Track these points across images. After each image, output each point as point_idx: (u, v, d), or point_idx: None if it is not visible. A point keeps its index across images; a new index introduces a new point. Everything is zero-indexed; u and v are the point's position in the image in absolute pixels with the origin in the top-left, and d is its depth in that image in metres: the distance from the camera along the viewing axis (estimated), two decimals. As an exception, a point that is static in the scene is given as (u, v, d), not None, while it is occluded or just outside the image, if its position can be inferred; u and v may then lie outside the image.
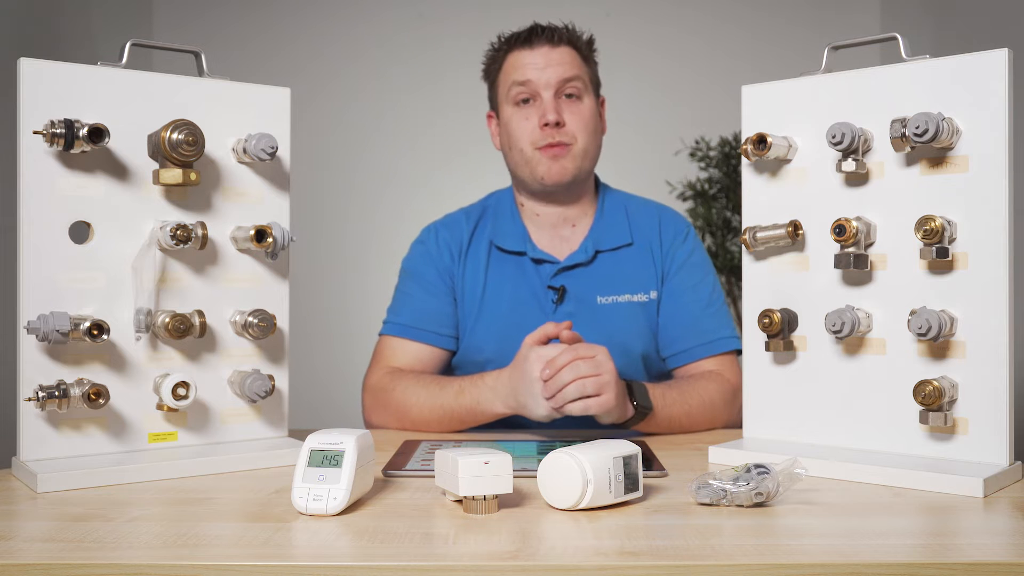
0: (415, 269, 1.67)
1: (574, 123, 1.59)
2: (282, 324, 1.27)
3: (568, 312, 1.58)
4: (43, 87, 1.10)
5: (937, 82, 1.09)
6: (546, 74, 1.58)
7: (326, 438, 0.96)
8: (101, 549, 0.82)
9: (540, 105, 1.58)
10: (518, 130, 1.60)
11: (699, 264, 1.66)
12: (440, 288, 1.64)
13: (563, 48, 1.61)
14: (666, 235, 1.66)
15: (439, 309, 1.62)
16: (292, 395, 1.32)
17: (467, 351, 1.62)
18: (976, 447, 1.07)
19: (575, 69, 1.60)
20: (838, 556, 0.79)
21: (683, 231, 1.68)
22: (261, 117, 1.25)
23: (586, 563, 0.78)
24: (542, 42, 1.60)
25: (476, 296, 1.62)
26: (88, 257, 1.13)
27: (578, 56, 1.63)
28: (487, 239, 1.66)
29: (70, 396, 1.09)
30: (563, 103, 1.59)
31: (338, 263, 3.58)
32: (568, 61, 1.60)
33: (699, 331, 1.59)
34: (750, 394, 1.26)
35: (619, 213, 1.67)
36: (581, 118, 1.60)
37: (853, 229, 1.12)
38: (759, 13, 3.67)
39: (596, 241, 1.63)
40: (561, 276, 1.61)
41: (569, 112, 1.59)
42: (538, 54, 1.59)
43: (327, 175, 3.63)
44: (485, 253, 1.65)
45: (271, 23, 3.70)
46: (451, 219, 1.71)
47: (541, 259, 1.62)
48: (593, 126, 1.63)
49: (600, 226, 1.65)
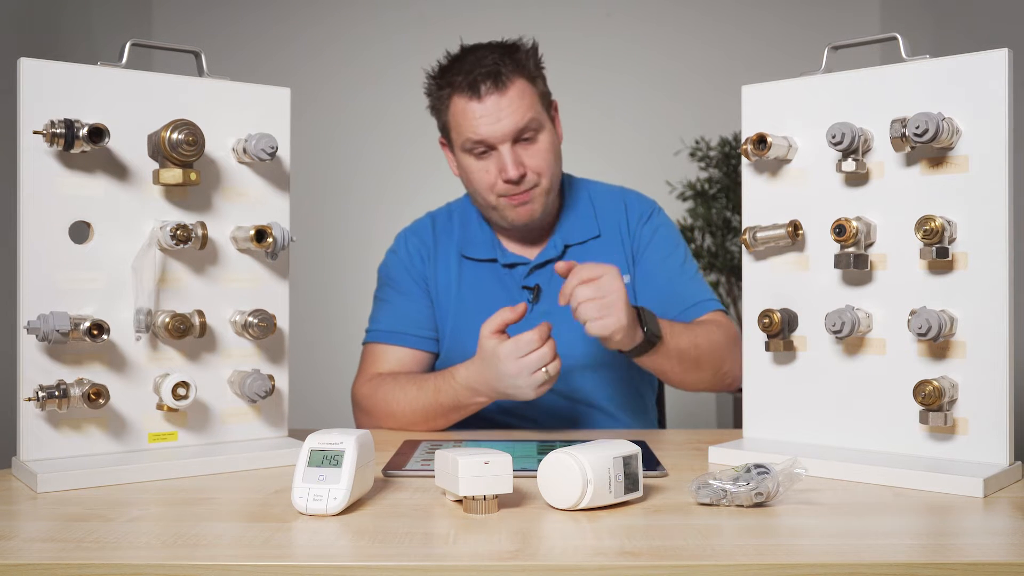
0: (390, 276, 1.68)
1: (536, 165, 1.53)
2: (282, 324, 1.27)
3: (544, 311, 1.58)
4: (43, 87, 1.10)
5: (937, 82, 1.09)
6: (499, 128, 1.49)
7: (326, 438, 0.96)
8: (101, 549, 0.82)
9: (499, 158, 1.51)
10: (479, 181, 1.55)
11: (667, 237, 1.65)
12: (416, 292, 1.65)
13: (512, 89, 1.49)
14: (632, 217, 1.66)
15: (418, 312, 1.63)
16: (292, 395, 1.32)
17: (448, 355, 1.62)
18: (976, 447, 1.07)
19: (528, 110, 1.50)
20: (838, 556, 0.79)
21: (648, 211, 1.67)
22: (261, 117, 1.25)
23: (586, 563, 0.78)
24: (489, 90, 1.48)
25: (450, 302, 1.63)
26: (88, 257, 1.13)
27: (527, 84, 1.52)
28: (456, 249, 1.65)
29: (70, 396, 1.09)
30: (520, 149, 1.52)
31: (338, 263, 3.58)
32: (519, 106, 1.49)
33: (679, 299, 1.58)
34: (750, 394, 1.26)
35: (585, 205, 1.67)
36: (541, 157, 1.53)
37: (853, 229, 1.12)
38: (759, 13, 3.67)
39: (564, 236, 1.63)
40: (534, 275, 1.61)
41: (529, 156, 1.52)
42: (487, 105, 1.48)
43: (327, 175, 3.63)
44: (456, 262, 1.65)
45: (271, 23, 3.70)
46: (419, 224, 1.72)
47: (513, 263, 1.62)
48: (553, 156, 1.56)
49: (567, 220, 1.65)
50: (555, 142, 1.58)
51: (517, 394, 1.34)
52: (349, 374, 1.67)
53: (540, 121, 1.54)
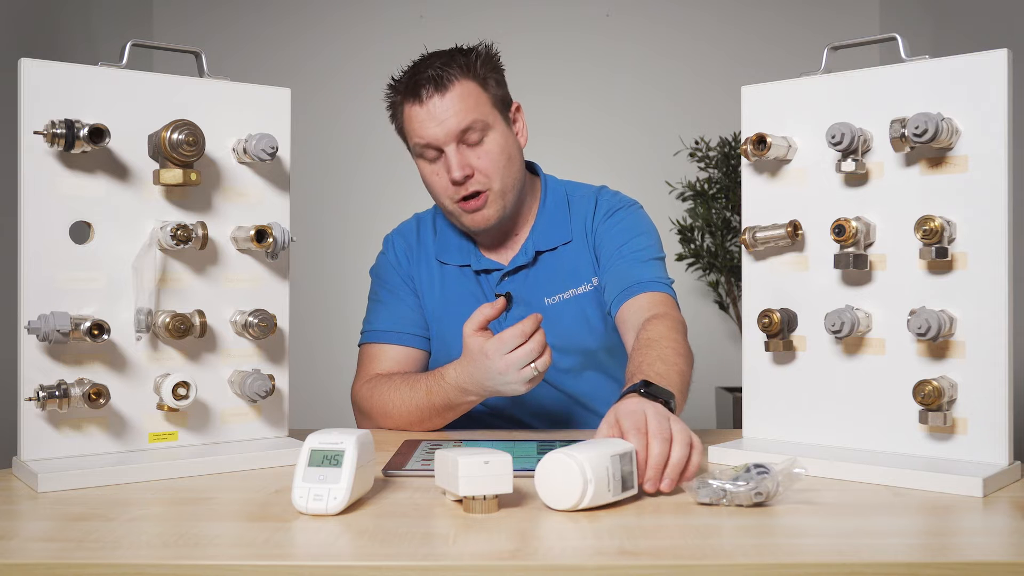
0: (380, 277, 1.69)
1: (484, 166, 1.51)
2: (282, 324, 1.27)
3: (518, 317, 1.55)
4: (44, 87, 1.10)
5: (937, 82, 1.09)
6: (442, 129, 1.48)
7: (326, 438, 0.96)
8: (101, 549, 0.82)
9: (446, 160, 1.50)
10: (434, 186, 1.55)
11: (630, 228, 1.60)
12: (406, 292, 1.65)
13: (453, 91, 1.48)
14: (598, 215, 1.63)
15: (410, 311, 1.64)
16: (292, 395, 1.32)
17: (436, 357, 1.63)
18: (975, 447, 1.07)
19: (471, 111, 1.49)
20: (838, 556, 0.79)
21: (616, 206, 1.63)
22: (261, 117, 1.25)
23: (586, 563, 0.78)
24: (430, 93, 1.48)
25: (434, 303, 1.63)
26: (88, 257, 1.14)
27: (474, 85, 1.51)
28: (434, 255, 1.66)
29: (70, 396, 1.09)
30: (467, 150, 1.50)
31: (338, 263, 3.58)
32: (461, 107, 1.48)
33: (631, 277, 1.52)
34: (750, 394, 1.26)
35: (561, 208, 1.64)
36: (489, 159, 1.51)
37: (853, 229, 1.12)
38: (759, 13, 3.67)
39: (536, 242, 1.61)
40: (506, 282, 1.61)
41: (476, 157, 1.50)
42: (430, 108, 1.48)
43: (327, 175, 3.63)
44: (437, 266, 1.65)
45: (271, 23, 3.70)
46: (405, 225, 1.73)
47: (487, 268, 1.62)
48: (506, 157, 1.53)
49: (540, 226, 1.63)
50: (508, 144, 1.54)
51: (507, 390, 1.34)
52: (349, 374, 1.67)
53: (487, 123, 1.51)
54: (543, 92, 3.41)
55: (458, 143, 1.50)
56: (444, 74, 1.49)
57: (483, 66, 1.54)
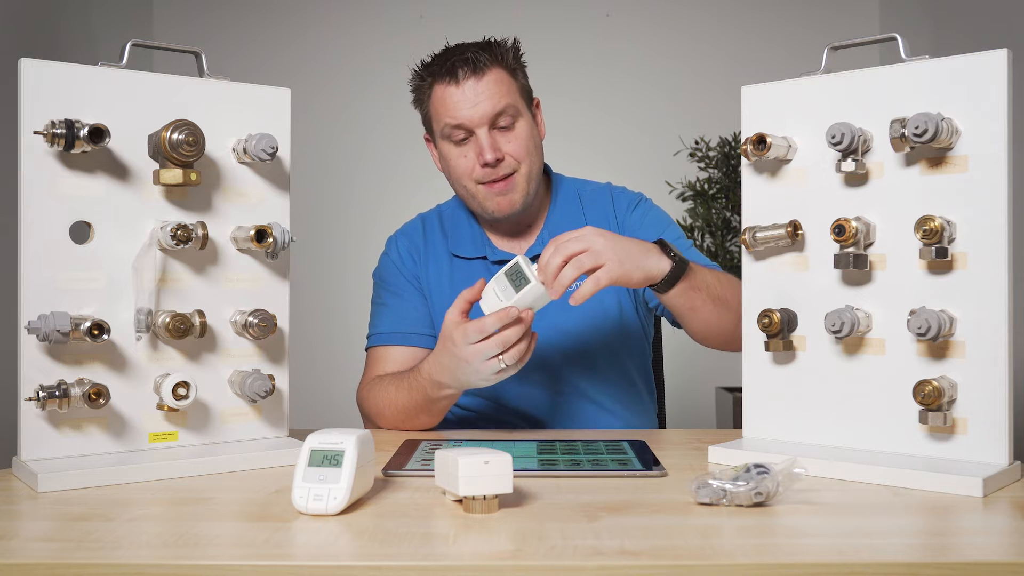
0: (384, 279, 1.69)
1: (514, 150, 1.56)
2: (282, 324, 1.27)
3: None
4: (44, 87, 1.10)
5: (937, 82, 1.09)
6: (477, 111, 1.52)
7: (326, 438, 0.96)
8: (101, 549, 0.82)
9: (476, 143, 1.54)
10: (459, 168, 1.58)
11: (658, 219, 1.66)
12: (411, 292, 1.66)
13: (489, 75, 1.54)
14: (619, 208, 1.68)
15: (415, 311, 1.64)
16: (292, 395, 1.32)
17: None
18: (975, 447, 1.07)
19: (505, 97, 1.54)
20: (838, 556, 0.79)
21: (635, 200, 1.70)
22: (261, 117, 1.25)
23: (586, 563, 0.78)
24: (467, 75, 1.53)
25: (443, 302, 1.63)
26: (88, 257, 1.14)
27: (505, 74, 1.56)
28: (447, 250, 1.67)
29: (70, 396, 1.09)
30: (498, 135, 1.55)
31: (338, 263, 3.57)
32: (496, 91, 1.54)
33: None
34: (750, 394, 1.26)
35: (573, 201, 1.68)
36: (520, 143, 1.56)
37: (853, 229, 1.12)
38: (759, 13, 3.67)
39: (552, 231, 1.63)
40: None
41: (506, 141, 1.55)
42: (465, 90, 1.53)
43: (327, 175, 3.63)
44: (447, 263, 1.66)
45: (271, 23, 3.70)
46: (409, 226, 1.74)
47: (503, 259, 1.62)
48: (533, 144, 1.59)
49: (555, 215, 1.66)
50: (535, 134, 1.61)
51: (475, 380, 1.32)
52: (349, 374, 1.67)
53: (518, 109, 1.57)
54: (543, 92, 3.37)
55: (490, 127, 1.54)
56: (480, 59, 1.54)
57: (513, 57, 1.59)
